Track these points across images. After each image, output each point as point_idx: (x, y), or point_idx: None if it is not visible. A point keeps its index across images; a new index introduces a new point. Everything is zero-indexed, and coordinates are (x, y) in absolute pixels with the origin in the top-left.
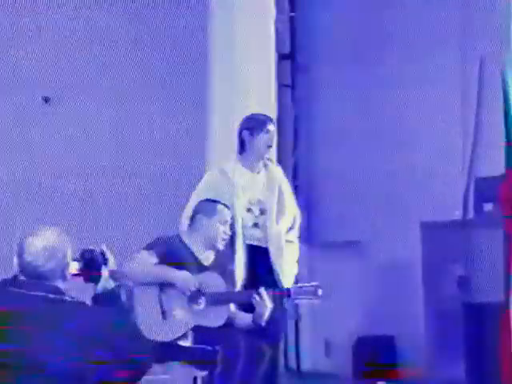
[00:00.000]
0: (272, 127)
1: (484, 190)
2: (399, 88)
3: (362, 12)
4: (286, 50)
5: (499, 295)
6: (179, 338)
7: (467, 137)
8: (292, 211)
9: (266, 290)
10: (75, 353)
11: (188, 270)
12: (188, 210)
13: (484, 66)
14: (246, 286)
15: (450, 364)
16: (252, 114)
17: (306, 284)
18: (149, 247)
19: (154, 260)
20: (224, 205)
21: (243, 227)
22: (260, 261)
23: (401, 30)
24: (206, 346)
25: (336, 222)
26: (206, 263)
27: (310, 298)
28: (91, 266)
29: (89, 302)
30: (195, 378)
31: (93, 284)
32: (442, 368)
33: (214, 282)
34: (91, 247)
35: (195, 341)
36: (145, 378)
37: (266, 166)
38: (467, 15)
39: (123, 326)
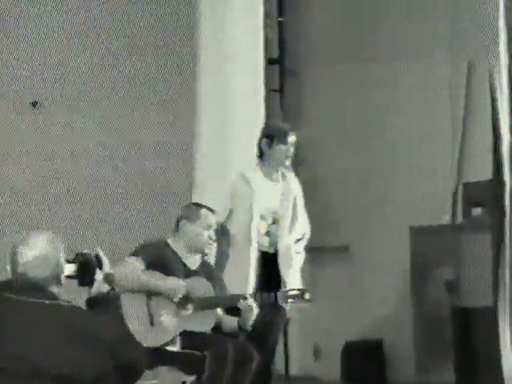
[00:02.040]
0: (292, 138)
1: (472, 194)
2: (388, 92)
3: (351, 17)
4: (275, 54)
5: (487, 299)
6: (167, 344)
7: (455, 142)
8: (303, 225)
9: (252, 295)
10: (72, 356)
11: (176, 274)
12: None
13: (472, 71)
14: (257, 290)
15: (439, 368)
16: (273, 124)
17: (293, 288)
18: (135, 253)
19: (141, 266)
20: (208, 209)
21: (257, 233)
22: (268, 267)
23: (390, 35)
24: (194, 351)
25: (324, 227)
26: (193, 267)
27: (297, 302)
28: (85, 269)
29: (83, 304)
30: (184, 383)
31: (87, 287)
32: (431, 372)
33: (201, 287)
34: (86, 251)
35: (183, 346)
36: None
37: (283, 175)
38: (455, 22)
39: (117, 329)
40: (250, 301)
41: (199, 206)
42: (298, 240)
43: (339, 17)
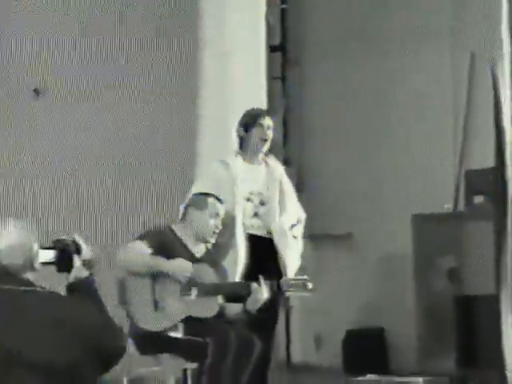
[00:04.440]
0: (266, 121)
1: (474, 182)
2: (390, 82)
3: (354, 5)
4: (277, 42)
5: (490, 287)
6: (170, 329)
7: (458, 130)
8: (295, 209)
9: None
10: (49, 342)
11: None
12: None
13: (474, 62)
14: (246, 274)
15: (440, 356)
16: (247, 110)
17: (297, 277)
18: (141, 238)
19: (148, 250)
20: (216, 198)
21: (243, 216)
22: (262, 250)
23: (393, 26)
24: (197, 338)
25: (326, 215)
26: (198, 255)
27: (300, 291)
28: (63, 255)
29: (63, 291)
30: (185, 370)
31: (66, 273)
32: (433, 360)
33: (205, 274)
34: (63, 237)
35: (186, 332)
36: (135, 369)
37: (266, 162)
38: (458, 12)
39: (96, 314)
40: (263, 285)
41: (207, 194)
42: (293, 226)
43: (342, 5)
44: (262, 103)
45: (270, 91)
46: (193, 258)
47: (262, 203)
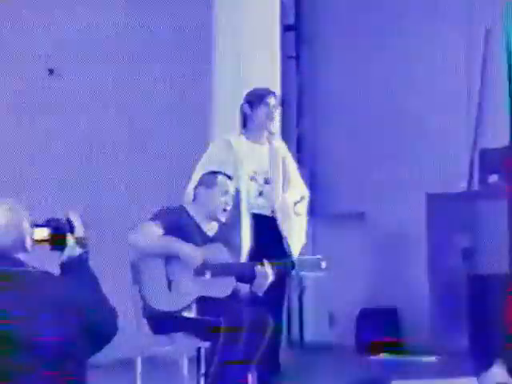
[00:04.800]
0: (272, 100)
1: (489, 161)
2: (405, 61)
3: None
4: (291, 21)
5: (504, 266)
6: (184, 309)
7: (472, 109)
8: (298, 186)
9: (270, 261)
10: (43, 320)
11: (194, 240)
12: (193, 181)
13: (489, 39)
14: (251, 255)
15: (454, 335)
16: (253, 89)
17: (310, 257)
18: (154, 218)
19: (160, 231)
20: (226, 175)
21: (248, 196)
22: (268, 229)
23: (406, 4)
24: (210, 318)
25: (340, 193)
26: (210, 234)
27: (314, 271)
28: (56, 233)
29: (56, 269)
30: (199, 349)
31: (59, 252)
32: (446, 340)
33: (219, 253)
34: (57, 217)
35: (199, 312)
36: (149, 348)
37: (269, 141)
38: None
39: (89, 293)
40: (267, 267)
41: (216, 173)
42: (297, 203)
43: None
44: (276, 83)
45: (284, 70)
46: (205, 238)
47: (267, 182)
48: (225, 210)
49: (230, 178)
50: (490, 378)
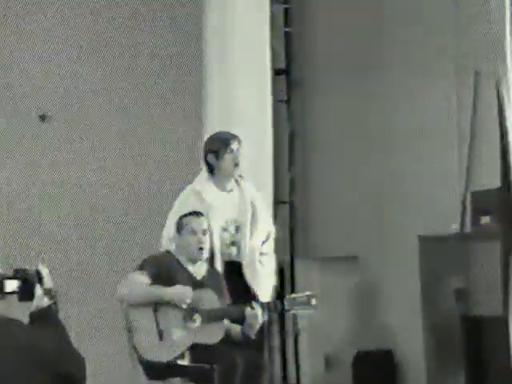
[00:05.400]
0: (236, 145)
1: (481, 202)
2: (395, 101)
3: (356, 28)
4: (282, 65)
5: (498, 308)
6: (177, 358)
7: (463, 150)
8: (266, 225)
9: (259, 303)
10: (10, 368)
11: (183, 284)
12: (167, 230)
13: (479, 80)
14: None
15: (449, 377)
16: (215, 135)
17: (300, 294)
18: (140, 268)
19: (147, 280)
20: (192, 214)
21: (221, 246)
22: (237, 277)
23: (397, 45)
24: (203, 365)
25: (333, 236)
26: (198, 277)
27: (305, 309)
28: (24, 284)
29: (25, 320)
30: None
31: (28, 302)
32: (442, 381)
33: (207, 299)
34: (25, 267)
35: (192, 359)
36: None
37: (237, 182)
38: (462, 30)
39: (57, 342)
40: (257, 309)
41: (184, 215)
42: (264, 243)
43: (346, 26)
44: (268, 127)
45: (275, 114)
46: (194, 281)
47: (238, 230)
48: (201, 249)
49: (197, 214)
50: None
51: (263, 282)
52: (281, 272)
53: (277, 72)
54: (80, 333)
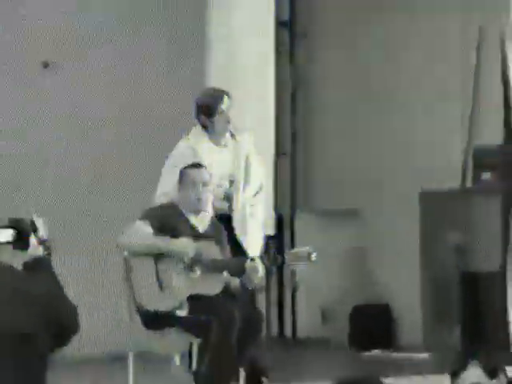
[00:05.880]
0: (226, 103)
1: (482, 159)
2: (399, 52)
3: None
4: (285, 17)
5: (496, 263)
6: (176, 309)
7: (466, 106)
8: (258, 179)
9: (260, 256)
10: (5, 311)
11: (185, 235)
12: (161, 186)
13: (483, 35)
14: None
15: (445, 331)
16: (204, 94)
17: (300, 249)
18: (143, 217)
19: (150, 230)
20: (193, 166)
21: (215, 201)
22: (227, 230)
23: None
24: (201, 317)
25: (333, 190)
26: (201, 230)
27: (304, 263)
28: (19, 234)
29: (20, 267)
30: (191, 345)
31: (22, 251)
32: (439, 336)
33: (209, 250)
34: (21, 217)
35: (191, 310)
36: (141, 344)
37: (233, 136)
38: None
39: (51, 290)
40: (257, 262)
41: (185, 167)
42: (256, 194)
43: None
44: (270, 79)
45: (278, 65)
46: (196, 233)
47: (231, 184)
48: (200, 200)
49: (197, 166)
50: (465, 378)
51: (253, 234)
52: (280, 224)
53: (280, 23)
54: (76, 283)
